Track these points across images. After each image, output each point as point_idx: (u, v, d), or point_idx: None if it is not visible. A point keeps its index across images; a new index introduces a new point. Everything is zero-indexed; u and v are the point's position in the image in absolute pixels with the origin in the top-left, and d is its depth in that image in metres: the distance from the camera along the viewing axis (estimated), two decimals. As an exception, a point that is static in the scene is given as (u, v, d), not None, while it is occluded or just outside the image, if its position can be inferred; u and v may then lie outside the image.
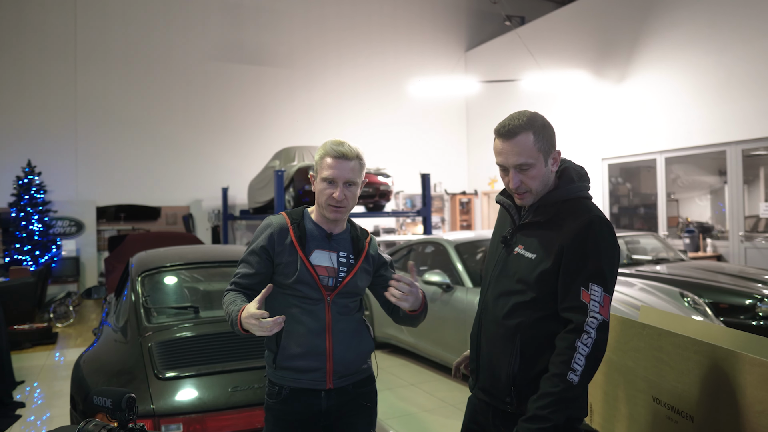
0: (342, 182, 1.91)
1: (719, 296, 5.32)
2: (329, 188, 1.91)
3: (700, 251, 8.89)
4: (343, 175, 1.91)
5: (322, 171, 1.93)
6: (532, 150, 1.68)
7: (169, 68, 11.51)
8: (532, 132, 1.68)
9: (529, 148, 1.68)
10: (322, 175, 1.93)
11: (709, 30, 8.60)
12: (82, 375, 3.02)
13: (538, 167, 1.70)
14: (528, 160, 1.68)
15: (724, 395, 1.62)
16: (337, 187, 1.91)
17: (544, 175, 1.72)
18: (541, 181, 1.72)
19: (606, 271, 1.61)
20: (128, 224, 11.01)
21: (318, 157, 1.97)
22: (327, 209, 1.94)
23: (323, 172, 1.92)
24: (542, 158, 1.70)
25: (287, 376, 1.90)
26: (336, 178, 1.90)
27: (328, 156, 1.92)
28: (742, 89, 8.17)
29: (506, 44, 12.97)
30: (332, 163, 1.91)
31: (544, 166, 1.71)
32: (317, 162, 1.97)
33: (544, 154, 1.70)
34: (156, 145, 11.30)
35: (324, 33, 13.01)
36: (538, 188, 1.72)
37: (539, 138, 1.69)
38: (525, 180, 1.71)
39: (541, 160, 1.70)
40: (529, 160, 1.68)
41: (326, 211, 1.94)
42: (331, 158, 1.91)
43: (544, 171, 1.71)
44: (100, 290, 4.78)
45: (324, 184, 1.92)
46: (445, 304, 5.12)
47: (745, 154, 8.49)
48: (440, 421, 4.14)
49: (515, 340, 1.70)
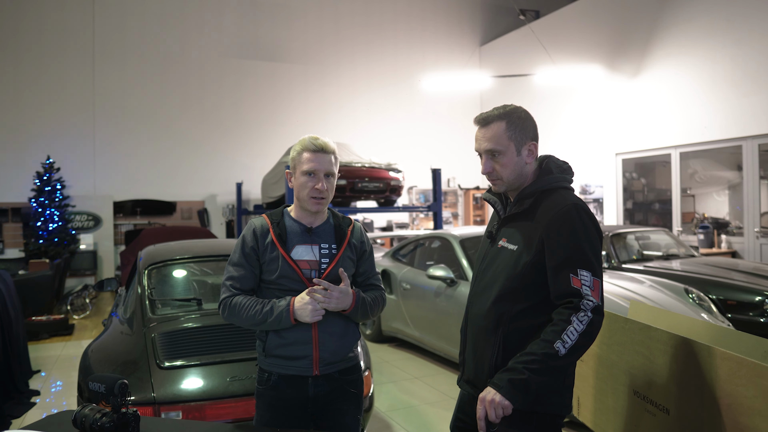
0: (322, 174, 1.99)
1: (728, 293, 5.27)
2: (311, 181, 1.99)
3: (715, 247, 8.78)
4: (323, 167, 2.00)
5: (302, 165, 2.01)
6: (503, 137, 1.75)
7: (184, 64, 11.66)
8: (506, 121, 1.75)
9: (500, 135, 1.75)
10: (302, 170, 2.01)
11: (726, 23, 8.46)
12: (89, 363, 3.13)
13: (509, 155, 1.76)
14: (497, 147, 1.75)
15: (698, 389, 1.64)
16: (319, 179, 1.99)
17: (516, 164, 1.77)
18: (512, 170, 1.77)
19: (591, 256, 1.64)
20: (144, 219, 11.21)
21: (295, 154, 2.05)
22: (309, 202, 2.00)
23: (303, 166, 2.00)
24: (513, 147, 1.76)
25: (276, 363, 1.98)
26: (317, 170, 1.99)
27: (306, 151, 2.01)
28: (759, 83, 8.03)
29: (520, 39, 12.88)
30: (312, 156, 2.00)
31: (516, 156, 1.76)
32: (293, 158, 2.05)
33: (516, 144, 1.76)
34: (172, 140, 11.48)
35: (338, 29, 13.06)
36: (509, 177, 1.78)
37: (512, 127, 1.75)
38: (495, 167, 1.78)
39: (512, 148, 1.75)
40: (499, 147, 1.75)
41: (309, 204, 2.01)
42: (309, 152, 2.01)
43: (515, 160, 1.76)
44: (111, 282, 4.90)
45: (305, 177, 2.00)
46: (449, 298, 5.15)
47: (762, 149, 8.35)
48: (440, 414, 4.19)
49: (498, 332, 1.73)
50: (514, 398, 1.58)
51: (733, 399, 1.51)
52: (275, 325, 1.92)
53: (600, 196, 10.94)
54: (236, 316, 1.97)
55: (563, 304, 1.64)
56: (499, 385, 1.60)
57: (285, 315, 1.90)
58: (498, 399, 1.58)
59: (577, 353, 1.61)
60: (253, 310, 1.93)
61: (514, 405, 1.59)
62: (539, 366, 1.58)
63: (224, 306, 1.99)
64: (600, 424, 2.22)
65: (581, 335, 1.58)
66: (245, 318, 1.94)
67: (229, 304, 1.97)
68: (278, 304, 1.92)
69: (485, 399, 1.61)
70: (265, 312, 1.92)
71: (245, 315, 1.93)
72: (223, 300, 2.00)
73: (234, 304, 1.96)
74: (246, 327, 2.03)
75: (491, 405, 1.59)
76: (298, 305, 1.90)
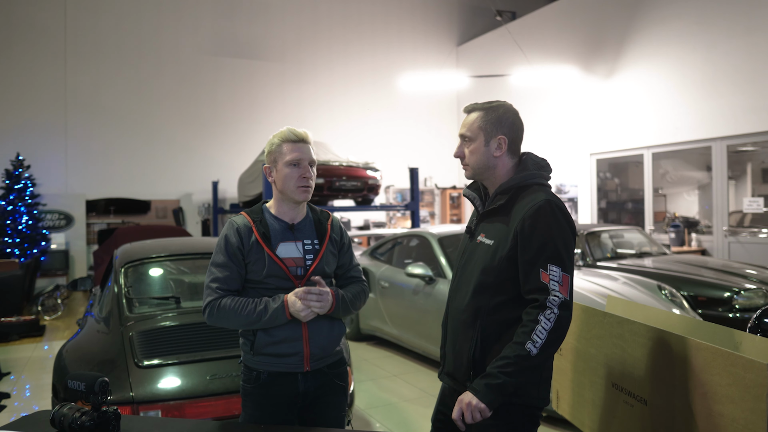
0: (307, 162, 2.00)
1: (698, 289, 5.41)
2: (296, 170, 1.98)
3: (685, 246, 9.00)
4: (306, 156, 2.00)
5: (284, 157, 1.99)
6: (474, 126, 1.84)
7: (160, 61, 11.49)
8: (483, 112, 1.84)
9: (472, 123, 1.85)
10: (284, 161, 1.99)
11: (697, 27, 8.67)
12: (64, 364, 3.07)
13: (477, 144, 1.83)
14: (467, 134, 1.85)
15: (675, 379, 1.69)
16: (305, 168, 1.99)
17: (483, 153, 1.83)
18: (477, 158, 1.84)
19: (562, 252, 1.68)
20: (118, 218, 11.01)
21: (273, 147, 2.03)
22: (297, 191, 1.99)
23: (285, 157, 1.99)
24: (482, 137, 1.82)
25: (265, 361, 1.96)
26: (301, 159, 1.99)
27: (287, 142, 2.00)
28: (729, 85, 8.25)
29: (497, 39, 13.01)
30: (293, 147, 2.00)
31: (483, 145, 1.83)
32: (272, 152, 2.03)
33: (485, 134, 1.82)
34: (146, 138, 11.30)
35: (316, 27, 13.01)
36: (474, 164, 1.85)
37: (486, 119, 1.83)
38: (465, 152, 1.87)
39: (480, 138, 1.83)
40: (468, 133, 1.85)
41: (296, 193, 1.99)
42: (291, 143, 2.00)
43: (482, 150, 1.83)
44: (86, 282, 4.81)
45: (289, 168, 1.98)
46: (428, 296, 5.19)
47: (731, 150, 8.58)
48: (420, 411, 4.21)
49: (476, 326, 1.76)
50: (490, 402, 1.62)
51: (708, 388, 1.55)
52: (270, 323, 1.91)
53: (575, 195, 11.12)
54: (225, 318, 1.93)
55: (531, 302, 1.68)
56: (477, 389, 1.64)
57: (281, 312, 1.89)
58: (475, 402, 1.62)
59: (550, 349, 1.65)
60: (245, 310, 1.90)
61: (491, 408, 1.63)
62: (513, 369, 1.62)
63: (211, 309, 1.93)
64: (578, 416, 2.27)
65: (550, 332, 1.62)
66: (238, 319, 1.91)
67: (217, 306, 1.92)
68: (271, 303, 1.91)
69: (462, 401, 1.65)
70: (259, 311, 1.89)
71: (238, 316, 1.90)
72: (210, 303, 1.94)
73: (223, 306, 1.92)
74: (236, 328, 2.01)
75: (468, 408, 1.63)
76: (291, 300, 1.90)
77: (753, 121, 7.98)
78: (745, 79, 8.04)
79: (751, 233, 8.74)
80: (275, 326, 1.93)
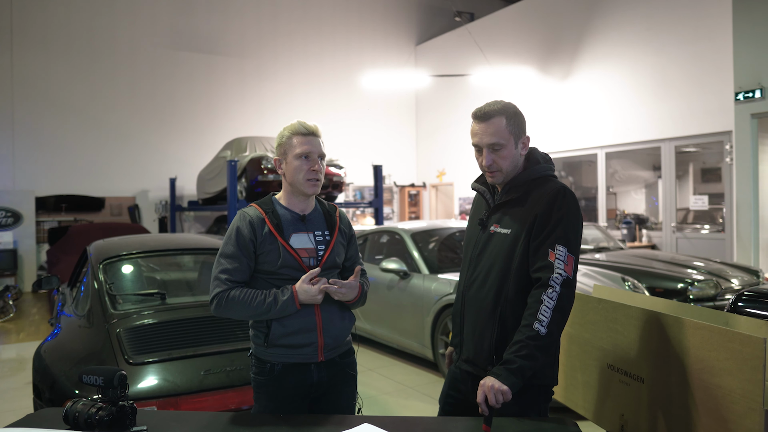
0: (316, 155, 2.02)
1: (655, 281, 5.72)
2: (306, 163, 2.00)
3: (637, 241, 9.45)
4: (316, 149, 2.02)
5: (294, 149, 2.01)
6: (504, 132, 1.87)
7: (115, 54, 11.11)
8: (505, 116, 1.87)
9: (502, 129, 1.86)
10: (294, 153, 2.00)
11: (647, 33, 9.12)
12: (46, 364, 2.98)
13: (509, 148, 1.88)
14: (500, 141, 1.86)
15: (672, 357, 1.83)
16: (314, 161, 2.01)
17: (514, 156, 1.89)
18: (510, 161, 1.89)
19: (570, 235, 1.79)
20: (70, 215, 10.60)
21: (283, 140, 2.04)
22: (306, 184, 2.01)
23: (295, 150, 2.00)
24: (513, 140, 1.88)
25: (280, 352, 1.98)
26: (311, 152, 2.01)
27: (297, 134, 2.02)
28: (677, 89, 8.72)
29: (456, 40, 13.25)
30: (304, 139, 2.01)
31: (514, 148, 1.89)
32: (282, 144, 2.04)
33: (515, 137, 1.89)
34: (100, 133, 10.91)
35: (276, 23, 12.89)
36: (507, 168, 1.89)
37: (511, 122, 1.88)
38: (496, 159, 1.88)
39: (511, 142, 1.88)
40: (501, 140, 1.86)
41: (305, 186, 2.01)
42: (301, 136, 2.01)
43: (513, 153, 1.89)
44: (52, 281, 4.64)
45: (299, 161, 2.00)
46: (402, 291, 5.27)
47: (678, 150, 9.07)
48: (401, 403, 4.30)
49: (496, 312, 1.85)
50: (513, 384, 1.70)
51: (705, 363, 1.70)
52: (279, 314, 1.93)
53: (532, 193, 11.46)
54: (234, 310, 1.94)
55: (535, 281, 1.79)
56: (498, 374, 1.72)
57: (291, 303, 1.92)
58: (497, 385, 1.69)
59: (558, 327, 1.76)
60: (255, 302, 1.92)
61: (513, 390, 1.71)
62: (528, 351, 1.71)
63: (219, 300, 1.94)
64: (571, 398, 2.40)
65: (554, 311, 1.73)
66: (247, 311, 1.93)
67: (226, 297, 1.93)
68: (280, 294, 1.93)
69: (485, 385, 1.72)
70: (269, 303, 1.92)
71: (247, 308, 1.92)
72: (218, 294, 1.94)
73: (232, 297, 1.93)
74: (244, 319, 2.03)
75: (491, 390, 1.70)
76: (301, 290, 1.93)
77: (698, 124, 8.48)
78: (691, 84, 8.52)
79: (694, 229, 9.28)
80: (289, 317, 1.97)
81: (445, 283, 4.89)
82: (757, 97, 7.30)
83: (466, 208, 13.01)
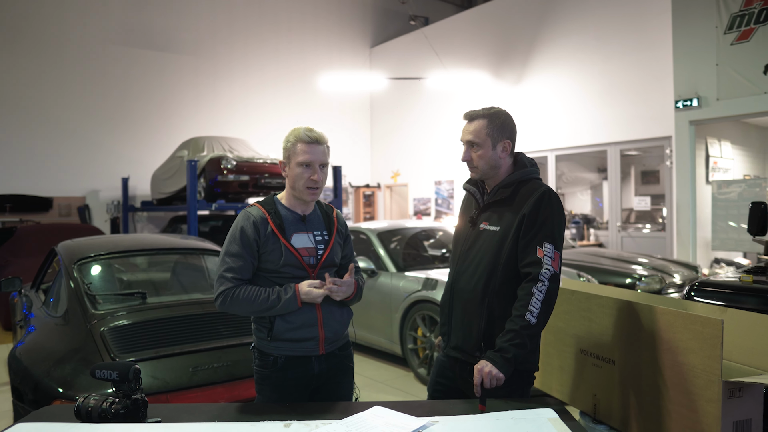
0: (318, 165, 2.12)
1: (605, 277, 6.10)
2: (306, 171, 2.10)
3: (585, 240, 9.94)
4: (317, 158, 2.12)
5: (297, 156, 2.11)
6: (482, 133, 2.08)
7: (64, 49, 10.71)
8: (487, 120, 2.09)
9: (480, 131, 2.08)
10: (297, 160, 2.11)
11: (595, 41, 9.61)
12: (25, 366, 2.97)
13: (485, 148, 2.08)
14: (475, 140, 2.09)
15: (641, 340, 2.05)
16: (315, 170, 2.11)
17: (491, 157, 2.09)
18: (486, 161, 2.09)
19: (556, 233, 1.99)
20: (15, 216, 10.15)
21: (289, 144, 2.15)
22: (305, 192, 2.12)
23: (298, 157, 2.11)
24: (490, 142, 2.08)
25: (283, 346, 2.10)
26: (312, 161, 2.11)
27: (300, 142, 2.12)
28: (623, 94, 9.23)
29: (410, 43, 13.49)
30: (306, 148, 2.11)
31: (491, 150, 2.08)
32: (287, 149, 2.15)
33: (492, 140, 2.08)
34: (48, 130, 10.50)
35: (231, 22, 12.76)
36: (483, 167, 2.10)
37: (491, 126, 2.08)
38: (473, 156, 2.10)
39: (488, 143, 2.08)
40: (477, 140, 2.08)
41: (304, 193, 2.13)
42: (304, 143, 2.12)
43: (490, 154, 2.09)
44: (14, 283, 4.51)
45: (300, 168, 2.10)
46: (370, 288, 5.41)
47: (623, 153, 9.61)
48: (372, 396, 4.44)
49: (484, 303, 2.03)
50: (507, 371, 1.91)
51: (671, 344, 1.92)
52: (282, 311, 2.05)
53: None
54: (239, 307, 2.05)
55: (525, 276, 1.98)
56: (495, 360, 1.91)
57: (293, 301, 2.04)
58: (494, 372, 1.89)
59: (546, 317, 1.97)
60: (259, 299, 2.03)
61: (506, 376, 1.90)
62: (520, 339, 1.91)
63: (224, 297, 2.04)
64: (546, 382, 2.61)
65: (543, 302, 1.94)
66: (251, 308, 2.04)
67: (232, 295, 2.03)
68: (283, 293, 2.04)
69: (482, 370, 1.90)
70: (272, 300, 2.03)
71: (251, 305, 2.03)
72: (224, 291, 2.04)
73: (237, 295, 2.03)
74: (248, 315, 2.13)
75: (488, 376, 1.89)
76: (304, 290, 2.05)
77: (641, 129, 9.01)
78: (635, 91, 9.04)
79: (636, 228, 9.85)
80: (291, 313, 2.08)
81: (413, 280, 5.06)
82: (695, 106, 7.85)
83: (421, 208, 13.27)
